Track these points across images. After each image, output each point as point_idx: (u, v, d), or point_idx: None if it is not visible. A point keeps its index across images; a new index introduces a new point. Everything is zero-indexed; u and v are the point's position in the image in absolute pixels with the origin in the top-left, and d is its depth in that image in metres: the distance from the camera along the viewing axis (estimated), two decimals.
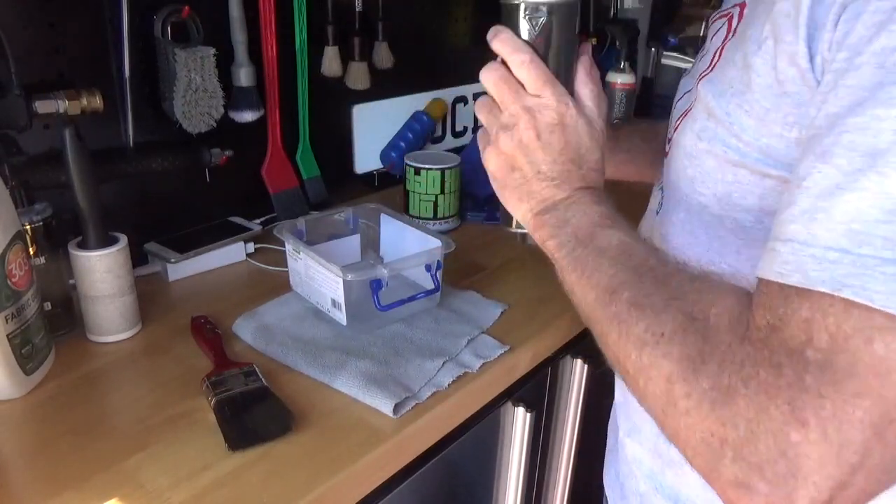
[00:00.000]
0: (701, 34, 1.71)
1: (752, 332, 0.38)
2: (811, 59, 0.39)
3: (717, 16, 0.57)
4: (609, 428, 0.77)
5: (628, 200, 0.60)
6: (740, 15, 0.51)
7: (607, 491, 0.78)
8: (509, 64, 0.52)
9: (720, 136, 0.48)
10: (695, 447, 0.38)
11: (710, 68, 0.51)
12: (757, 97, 0.44)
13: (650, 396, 0.41)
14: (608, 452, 0.78)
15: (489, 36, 0.53)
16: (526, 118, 0.52)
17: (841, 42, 0.37)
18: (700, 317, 0.41)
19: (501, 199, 0.57)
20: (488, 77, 0.53)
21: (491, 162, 0.55)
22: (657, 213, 0.62)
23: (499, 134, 0.53)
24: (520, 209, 0.55)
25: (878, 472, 0.34)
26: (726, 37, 0.51)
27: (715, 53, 0.52)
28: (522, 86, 0.52)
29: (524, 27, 0.52)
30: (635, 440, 0.66)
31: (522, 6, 0.52)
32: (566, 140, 0.52)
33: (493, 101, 0.54)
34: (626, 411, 0.67)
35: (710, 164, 0.49)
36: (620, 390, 0.71)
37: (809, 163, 0.37)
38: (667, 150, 0.59)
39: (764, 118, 0.44)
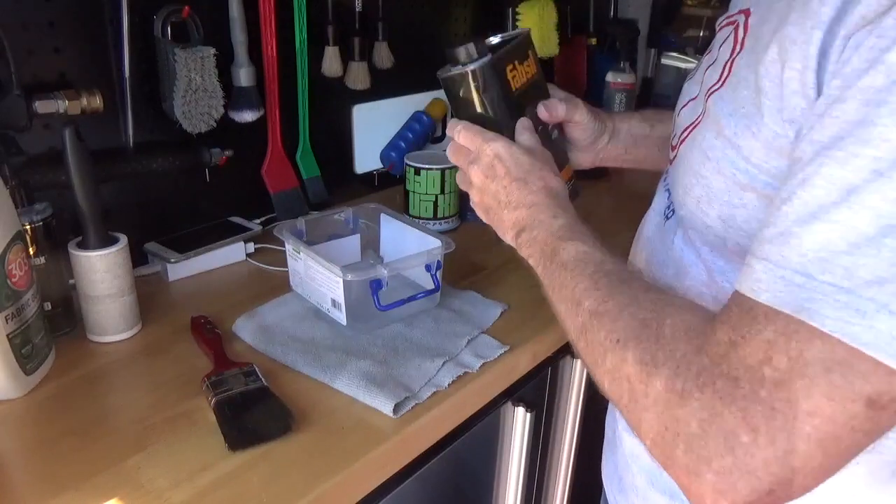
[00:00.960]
0: (701, 34, 1.71)
1: (710, 347, 0.41)
2: (818, 88, 0.39)
3: (724, 22, 0.56)
4: (607, 422, 0.78)
5: (627, 200, 0.60)
6: (746, 25, 0.50)
7: (605, 484, 0.78)
8: (454, 138, 0.68)
9: (729, 158, 0.47)
10: (653, 438, 0.42)
11: (721, 83, 0.50)
12: (766, 121, 0.43)
13: (615, 394, 0.46)
14: (606, 445, 0.78)
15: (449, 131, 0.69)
16: (473, 169, 0.66)
17: (838, 71, 0.37)
18: (653, 324, 0.45)
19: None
20: (448, 152, 0.70)
21: (479, 212, 0.69)
22: (665, 217, 0.62)
23: (470, 191, 0.68)
24: (506, 239, 0.66)
25: (818, 472, 0.37)
26: (734, 49, 0.50)
27: (724, 66, 0.51)
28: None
29: (472, 91, 0.66)
30: (633, 435, 0.65)
31: (459, 76, 0.65)
32: (506, 167, 0.64)
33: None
34: None
35: (718, 185, 0.49)
36: None
37: (791, 187, 0.38)
38: (672, 157, 0.59)
39: (772, 143, 0.43)
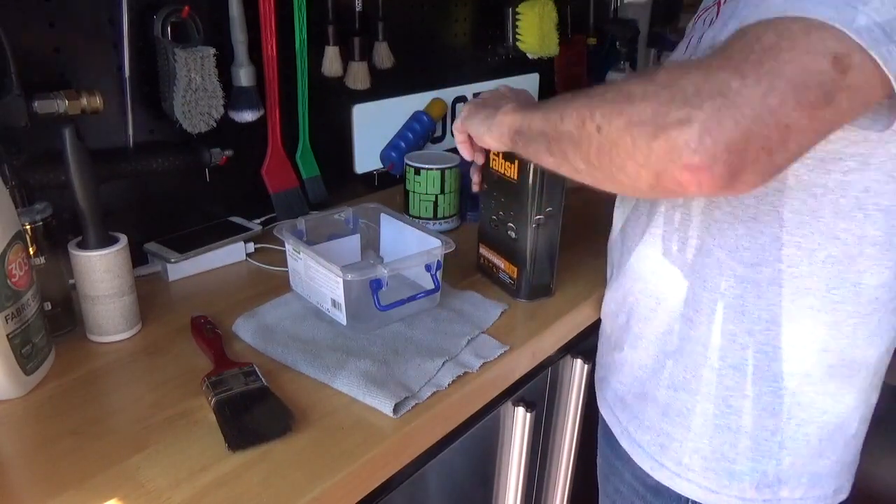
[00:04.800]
0: None
1: (704, 60, 0.47)
2: None
3: (702, 10, 0.70)
4: (603, 351, 0.86)
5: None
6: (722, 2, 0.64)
7: (603, 412, 0.85)
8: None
9: None
10: (647, 119, 0.46)
11: (710, 27, 0.63)
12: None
13: (614, 129, 0.49)
14: (604, 376, 0.86)
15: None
16: (468, 109, 0.79)
17: None
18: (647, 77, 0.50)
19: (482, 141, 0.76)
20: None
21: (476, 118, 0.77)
22: None
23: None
24: (493, 138, 0.73)
25: (787, 130, 0.44)
26: (715, 18, 0.63)
27: (701, 37, 0.65)
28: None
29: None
30: (639, 347, 0.76)
31: None
32: (479, 106, 0.77)
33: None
34: (628, 326, 0.78)
35: None
36: (623, 313, 0.79)
37: None
38: None
39: None
